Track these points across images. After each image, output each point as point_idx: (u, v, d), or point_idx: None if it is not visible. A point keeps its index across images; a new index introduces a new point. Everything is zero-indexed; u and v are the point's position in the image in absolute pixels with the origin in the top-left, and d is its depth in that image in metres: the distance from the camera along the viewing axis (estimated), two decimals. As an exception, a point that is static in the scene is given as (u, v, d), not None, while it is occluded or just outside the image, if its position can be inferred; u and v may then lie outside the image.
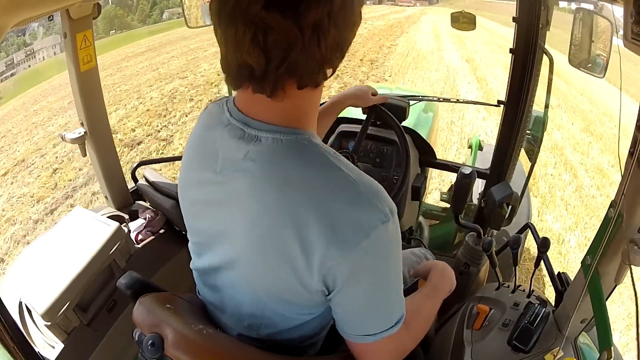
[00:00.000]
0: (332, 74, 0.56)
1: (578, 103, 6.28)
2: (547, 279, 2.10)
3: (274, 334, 0.69)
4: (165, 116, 5.78)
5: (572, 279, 0.90)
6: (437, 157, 1.69)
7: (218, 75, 7.29)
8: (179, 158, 2.48)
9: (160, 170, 3.80)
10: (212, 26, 0.54)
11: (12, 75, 11.31)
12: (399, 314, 0.63)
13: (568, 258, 2.63)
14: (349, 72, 8.05)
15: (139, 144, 4.89)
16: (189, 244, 0.75)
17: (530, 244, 2.29)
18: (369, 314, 0.61)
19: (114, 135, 1.47)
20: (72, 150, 4.49)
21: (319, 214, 0.53)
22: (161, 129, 5.31)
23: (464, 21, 1.38)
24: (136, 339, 0.68)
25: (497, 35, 12.04)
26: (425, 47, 11.41)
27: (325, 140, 1.61)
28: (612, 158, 4.19)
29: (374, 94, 1.36)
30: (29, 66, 12.27)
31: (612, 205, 0.68)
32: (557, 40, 1.34)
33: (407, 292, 1.06)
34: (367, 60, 9.17)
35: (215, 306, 0.75)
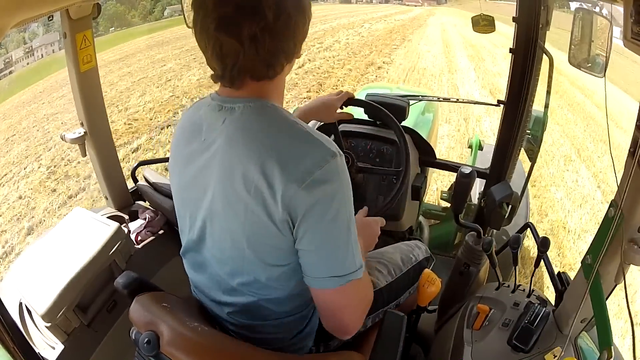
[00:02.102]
0: (284, 69, 0.72)
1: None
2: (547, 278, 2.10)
3: (258, 294, 0.74)
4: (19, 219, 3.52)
5: (572, 278, 0.90)
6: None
7: (134, 122, 5.50)
8: None
9: (160, 170, 3.78)
10: None
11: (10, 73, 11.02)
12: (360, 259, 0.70)
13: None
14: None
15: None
16: (179, 231, 0.83)
17: (530, 244, 2.29)
18: (333, 251, 0.68)
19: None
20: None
21: (278, 153, 0.65)
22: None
23: (484, 24, 1.36)
24: (133, 337, 0.69)
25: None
26: (431, 65, 8.45)
27: None
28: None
29: (349, 99, 1.32)
30: (27, 64, 12.03)
31: (612, 205, 0.68)
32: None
33: (401, 281, 1.08)
34: (334, 97, 6.49)
35: (203, 285, 0.82)
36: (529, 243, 2.28)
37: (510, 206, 1.45)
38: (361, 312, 0.75)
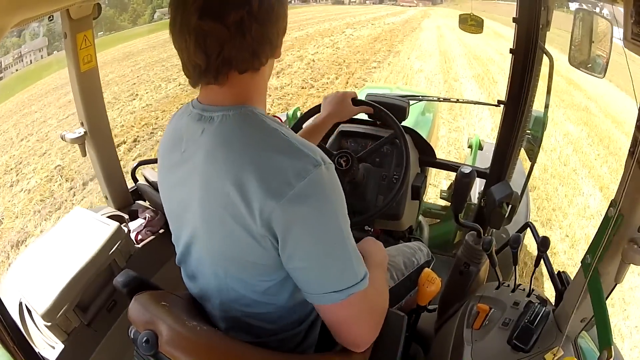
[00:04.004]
0: (267, 61, 0.69)
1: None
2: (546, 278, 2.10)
3: (246, 311, 0.72)
4: None
5: (572, 278, 0.90)
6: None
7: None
8: None
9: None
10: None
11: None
12: (362, 270, 0.66)
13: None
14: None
15: None
16: (172, 238, 0.81)
17: (529, 244, 2.29)
18: (327, 267, 0.64)
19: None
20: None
21: (256, 167, 0.61)
22: None
23: (471, 24, 1.37)
24: (131, 336, 0.69)
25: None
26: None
27: (325, 140, 1.61)
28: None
29: (355, 98, 1.26)
30: (17, 70, 11.76)
31: (612, 204, 0.68)
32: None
33: (403, 285, 1.08)
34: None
35: (197, 296, 0.80)
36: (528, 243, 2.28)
37: (510, 206, 1.45)
38: (374, 323, 0.70)
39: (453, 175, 1.52)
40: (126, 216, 1.44)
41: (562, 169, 3.93)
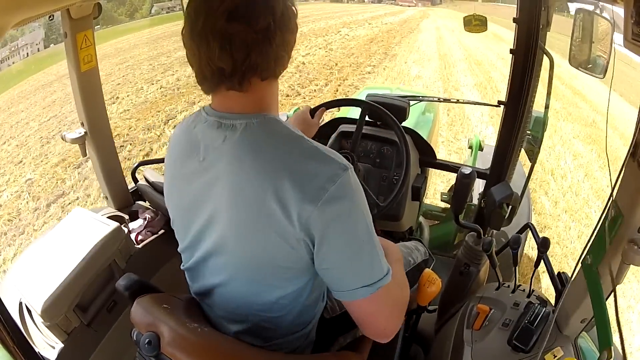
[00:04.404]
0: (284, 67, 0.70)
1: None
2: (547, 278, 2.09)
3: (263, 315, 0.73)
4: None
5: (572, 279, 0.90)
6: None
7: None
8: None
9: (161, 170, 3.67)
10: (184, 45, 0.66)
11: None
12: (386, 264, 0.69)
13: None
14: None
15: None
16: (179, 248, 0.80)
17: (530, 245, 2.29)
18: (360, 263, 0.66)
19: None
20: None
21: (290, 173, 0.63)
22: None
23: (476, 24, 1.39)
24: (134, 338, 0.70)
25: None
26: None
27: (325, 141, 1.61)
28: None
29: (310, 110, 1.28)
30: (13, 62, 11.56)
31: (612, 205, 0.69)
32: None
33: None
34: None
35: (208, 302, 0.79)
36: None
37: (510, 206, 1.45)
38: (398, 313, 0.74)
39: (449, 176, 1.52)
40: (126, 217, 1.44)
41: (573, 201, 3.64)
